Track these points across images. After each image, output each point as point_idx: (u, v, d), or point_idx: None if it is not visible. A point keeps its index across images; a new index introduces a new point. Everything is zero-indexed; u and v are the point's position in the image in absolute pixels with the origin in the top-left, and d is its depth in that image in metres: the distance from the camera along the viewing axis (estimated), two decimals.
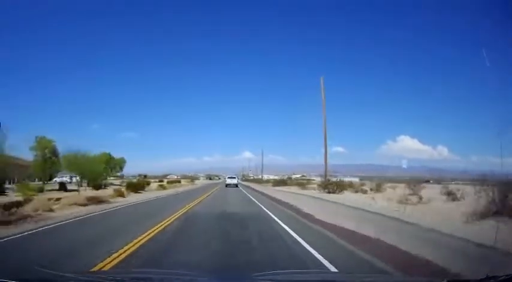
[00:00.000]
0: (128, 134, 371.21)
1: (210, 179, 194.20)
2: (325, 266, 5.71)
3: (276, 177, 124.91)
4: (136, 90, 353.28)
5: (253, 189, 45.40)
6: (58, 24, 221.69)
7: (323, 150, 27.39)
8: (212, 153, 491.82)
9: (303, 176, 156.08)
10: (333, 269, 5.47)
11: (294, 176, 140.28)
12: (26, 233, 8.91)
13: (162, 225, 10.14)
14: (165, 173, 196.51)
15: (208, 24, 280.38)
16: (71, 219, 12.10)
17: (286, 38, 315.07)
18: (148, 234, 8.49)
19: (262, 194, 31.99)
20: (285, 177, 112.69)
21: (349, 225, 9.00)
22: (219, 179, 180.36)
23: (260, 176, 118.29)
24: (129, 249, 6.78)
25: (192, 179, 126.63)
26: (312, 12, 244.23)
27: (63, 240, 8.12)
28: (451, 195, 16.98)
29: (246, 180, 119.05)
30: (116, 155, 61.93)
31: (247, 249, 6.93)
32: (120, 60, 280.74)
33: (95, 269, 5.17)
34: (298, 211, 14.79)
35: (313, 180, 73.34)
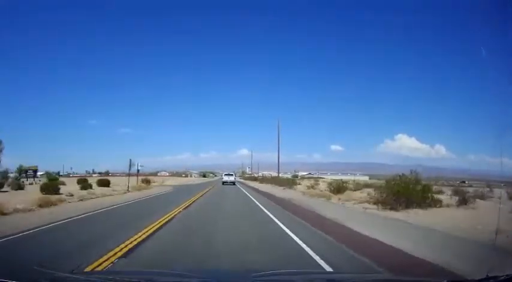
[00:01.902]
0: (124, 129, 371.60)
1: (204, 176, 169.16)
2: None
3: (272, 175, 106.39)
4: (134, 88, 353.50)
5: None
6: (57, 24, 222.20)
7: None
8: (209, 150, 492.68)
9: (309, 173, 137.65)
10: None
11: (300, 174, 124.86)
12: None
13: None
14: (158, 169, 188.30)
15: (204, 25, 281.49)
16: None
17: (284, 41, 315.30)
18: None
19: None
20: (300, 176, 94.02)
21: None
22: (215, 176, 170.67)
23: (259, 174, 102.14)
24: None
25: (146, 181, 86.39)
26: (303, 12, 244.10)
27: None
28: None
29: (248, 178, 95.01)
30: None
31: None
32: (120, 58, 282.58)
33: None
34: None
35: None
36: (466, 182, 41.41)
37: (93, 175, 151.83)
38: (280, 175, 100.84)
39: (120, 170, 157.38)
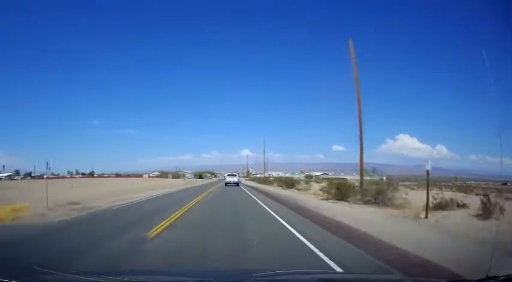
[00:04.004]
0: (127, 131, 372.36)
1: (200, 177, 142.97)
2: None
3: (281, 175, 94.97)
4: (135, 88, 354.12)
5: None
6: (58, 24, 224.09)
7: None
8: (210, 151, 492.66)
9: (324, 173, 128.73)
10: None
11: (314, 175, 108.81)
12: None
13: None
14: (152, 170, 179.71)
15: (205, 24, 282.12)
16: None
17: (283, 40, 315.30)
18: None
19: None
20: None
21: None
22: (215, 176, 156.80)
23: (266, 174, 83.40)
24: None
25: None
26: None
27: None
28: None
29: (264, 181, 69.39)
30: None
31: None
32: (122, 59, 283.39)
33: None
34: None
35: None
36: (508, 184, 37.74)
37: (75, 176, 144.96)
38: (287, 175, 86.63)
39: (114, 170, 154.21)
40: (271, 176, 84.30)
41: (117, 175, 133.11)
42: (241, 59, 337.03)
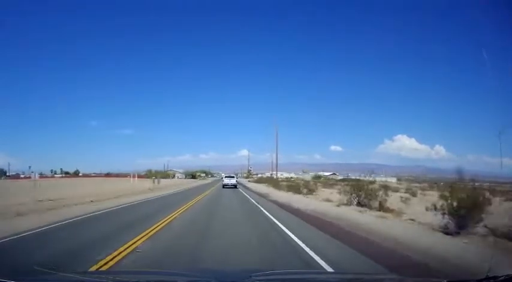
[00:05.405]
0: (125, 131, 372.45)
1: (193, 177, 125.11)
2: None
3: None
4: (135, 88, 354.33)
5: None
6: (59, 25, 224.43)
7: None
8: (208, 151, 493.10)
9: (333, 174, 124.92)
10: None
11: (323, 174, 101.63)
12: None
13: None
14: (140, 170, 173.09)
15: (204, 25, 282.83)
16: None
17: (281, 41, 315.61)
18: None
19: None
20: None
21: None
22: (212, 176, 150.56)
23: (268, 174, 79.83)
24: None
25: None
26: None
27: None
28: None
29: (265, 181, 66.35)
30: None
31: None
32: (122, 59, 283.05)
33: None
34: None
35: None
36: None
37: (55, 175, 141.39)
38: (290, 176, 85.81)
39: (111, 170, 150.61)
40: (275, 177, 78.37)
41: (107, 175, 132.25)
42: (241, 59, 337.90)
